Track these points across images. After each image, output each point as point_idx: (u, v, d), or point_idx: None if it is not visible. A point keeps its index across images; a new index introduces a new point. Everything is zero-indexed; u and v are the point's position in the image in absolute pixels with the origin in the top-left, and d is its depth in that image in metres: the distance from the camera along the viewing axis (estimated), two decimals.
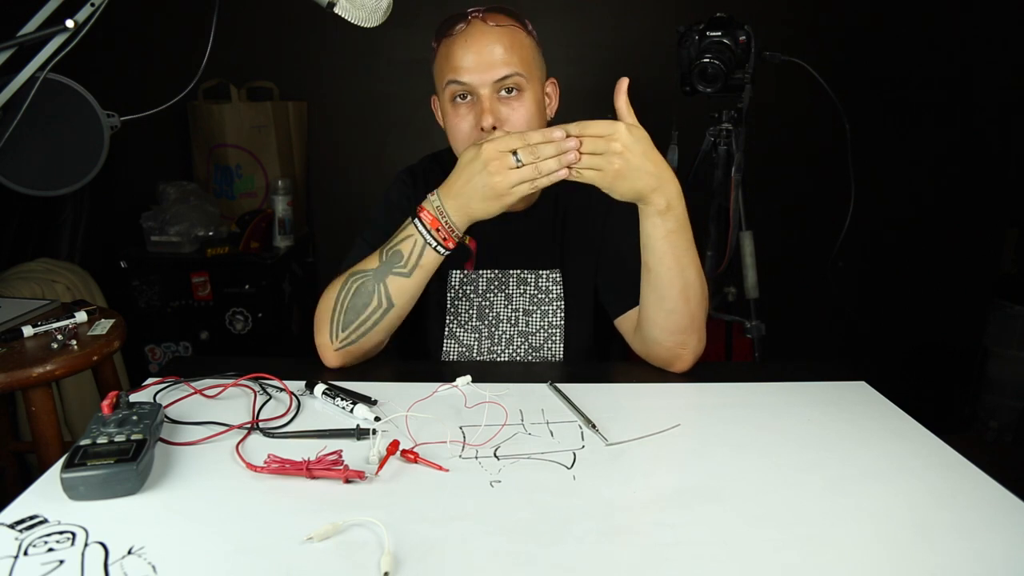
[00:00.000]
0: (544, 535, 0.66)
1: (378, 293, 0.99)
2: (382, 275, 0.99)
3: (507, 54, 1.01)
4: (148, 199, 2.31)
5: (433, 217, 0.96)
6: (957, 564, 0.63)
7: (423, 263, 0.98)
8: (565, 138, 0.89)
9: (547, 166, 0.90)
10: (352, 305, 1.00)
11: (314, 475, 0.74)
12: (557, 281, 1.17)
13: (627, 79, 0.93)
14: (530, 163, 0.90)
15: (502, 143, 0.91)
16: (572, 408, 0.93)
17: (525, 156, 0.90)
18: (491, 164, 0.91)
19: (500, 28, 1.02)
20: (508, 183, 0.91)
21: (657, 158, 0.92)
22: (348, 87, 2.52)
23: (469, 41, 1.02)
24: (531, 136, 0.90)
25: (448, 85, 1.04)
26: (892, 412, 0.95)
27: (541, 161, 0.90)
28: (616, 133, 0.89)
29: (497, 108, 1.02)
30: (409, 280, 0.99)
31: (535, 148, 0.89)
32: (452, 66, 1.02)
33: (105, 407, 0.78)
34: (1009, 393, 2.58)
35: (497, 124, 1.02)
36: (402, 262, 0.98)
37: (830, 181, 2.01)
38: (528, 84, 1.04)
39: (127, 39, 2.26)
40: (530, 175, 0.91)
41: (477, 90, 1.02)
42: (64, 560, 0.60)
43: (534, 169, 0.90)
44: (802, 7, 2.41)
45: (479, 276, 1.17)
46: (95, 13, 0.88)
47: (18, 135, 0.90)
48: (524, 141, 0.90)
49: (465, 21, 1.03)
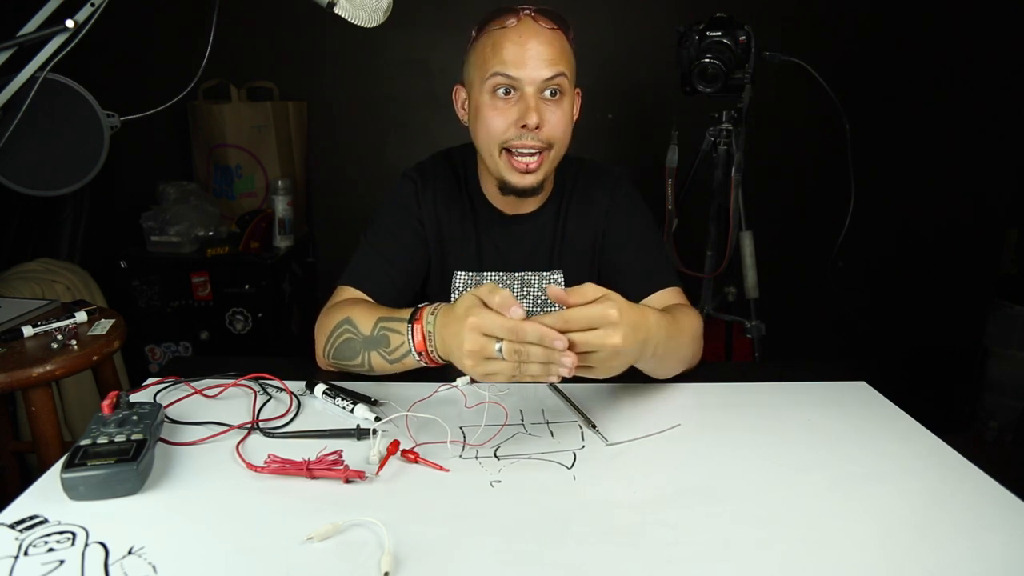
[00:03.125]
0: (544, 535, 0.66)
1: (362, 357, 0.96)
2: (369, 347, 0.95)
3: (557, 55, 1.01)
4: (148, 199, 2.31)
5: (422, 339, 0.88)
6: (957, 564, 0.63)
7: (406, 363, 0.93)
8: (566, 347, 0.74)
9: (531, 371, 0.76)
10: (339, 351, 0.98)
11: (314, 475, 0.74)
12: (559, 281, 1.17)
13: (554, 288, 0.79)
14: (512, 361, 0.76)
15: (489, 325, 0.76)
16: (572, 408, 0.93)
17: (508, 353, 0.75)
18: (467, 341, 0.77)
19: (551, 30, 1.02)
20: (482, 371, 0.78)
21: (639, 320, 0.82)
22: (348, 87, 2.52)
23: (523, 36, 1.00)
24: (526, 331, 0.74)
25: (492, 76, 1.01)
26: (892, 412, 0.95)
27: (526, 363, 0.76)
28: (612, 326, 0.77)
29: (542, 108, 1.01)
30: (390, 367, 0.94)
31: (525, 348, 0.75)
32: (500, 58, 1.00)
33: (105, 407, 0.78)
34: (1009, 393, 2.58)
35: (541, 124, 1.01)
36: (388, 349, 0.92)
37: (830, 181, 2.01)
38: (568, 89, 1.04)
39: (127, 39, 2.26)
40: (509, 371, 0.77)
41: (523, 86, 1.01)
42: (64, 560, 0.60)
43: (514, 367, 0.76)
44: (802, 7, 2.41)
45: (484, 278, 1.17)
46: (95, 13, 0.88)
47: (18, 135, 0.90)
48: (515, 336, 0.75)
49: (516, 16, 1.02)
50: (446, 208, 1.16)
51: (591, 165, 1.20)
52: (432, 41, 2.45)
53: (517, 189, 1.06)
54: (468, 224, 1.16)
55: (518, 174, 1.04)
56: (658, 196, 1.80)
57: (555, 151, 1.05)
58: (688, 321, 1.00)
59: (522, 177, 1.05)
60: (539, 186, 1.07)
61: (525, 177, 1.05)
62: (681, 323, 0.97)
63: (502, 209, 1.16)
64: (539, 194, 1.11)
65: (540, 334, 0.74)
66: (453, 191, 1.17)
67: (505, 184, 1.07)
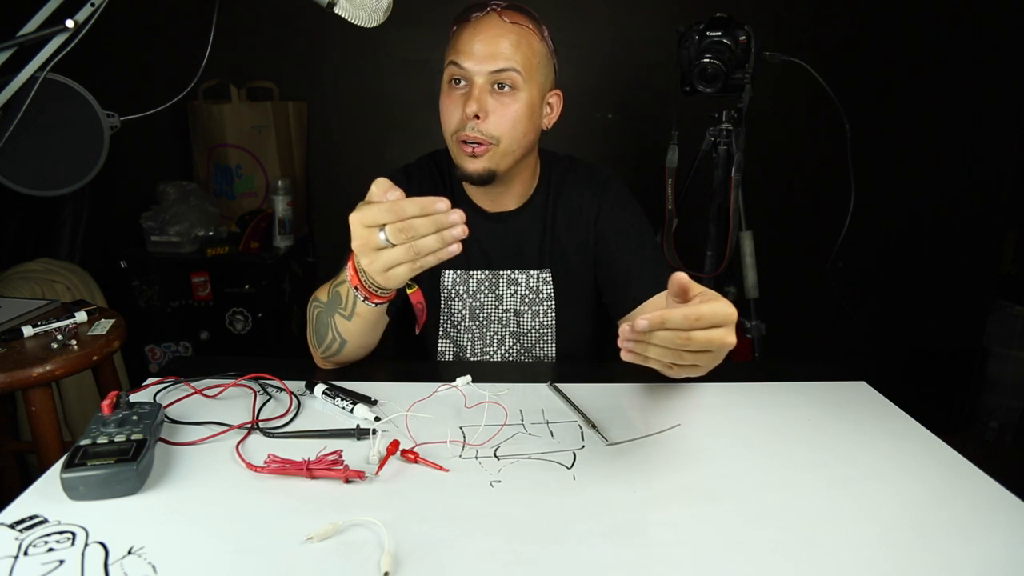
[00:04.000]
0: (544, 535, 0.66)
1: (331, 328, 0.96)
2: (330, 311, 0.95)
3: (511, 50, 1.02)
4: (148, 199, 2.31)
5: (354, 273, 0.85)
6: (957, 564, 0.63)
7: (359, 311, 0.91)
8: (449, 208, 0.73)
9: (425, 244, 0.74)
10: (317, 330, 0.99)
11: (314, 475, 0.74)
12: (547, 281, 1.17)
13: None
14: (402, 243, 0.74)
15: (368, 214, 0.74)
16: (572, 408, 0.93)
17: (393, 235, 0.73)
18: (355, 241, 0.76)
19: (513, 25, 1.03)
20: (378, 266, 0.76)
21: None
22: (348, 87, 2.52)
23: (479, 29, 1.03)
24: (404, 207, 0.73)
25: (448, 66, 1.05)
26: (892, 412, 0.95)
27: (418, 240, 0.73)
28: (728, 326, 0.69)
29: (485, 99, 1.02)
30: (351, 323, 0.93)
31: (408, 224, 0.73)
32: (456, 49, 1.04)
33: (105, 407, 0.78)
34: (1009, 393, 2.58)
35: (481, 115, 1.02)
36: (342, 304, 0.92)
37: (830, 181, 2.01)
38: (524, 85, 1.04)
39: (127, 39, 2.26)
40: (403, 257, 0.75)
41: (472, 77, 1.02)
42: (64, 560, 0.60)
43: (408, 250, 0.74)
44: (802, 7, 2.41)
45: (470, 277, 1.17)
46: (95, 13, 0.88)
47: (18, 135, 0.90)
48: (395, 215, 0.73)
49: (483, 11, 1.04)
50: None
51: (579, 165, 1.20)
52: (432, 41, 2.45)
53: (467, 176, 1.07)
54: None
55: (466, 158, 1.05)
56: (658, 196, 1.80)
57: (504, 146, 1.05)
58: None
59: (470, 161, 1.05)
60: (488, 175, 1.06)
61: (472, 161, 1.05)
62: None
63: (483, 207, 1.16)
64: (490, 183, 1.08)
65: (420, 205, 0.72)
66: (437, 190, 1.17)
67: (460, 171, 1.08)
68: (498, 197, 1.15)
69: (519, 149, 1.07)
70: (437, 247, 0.74)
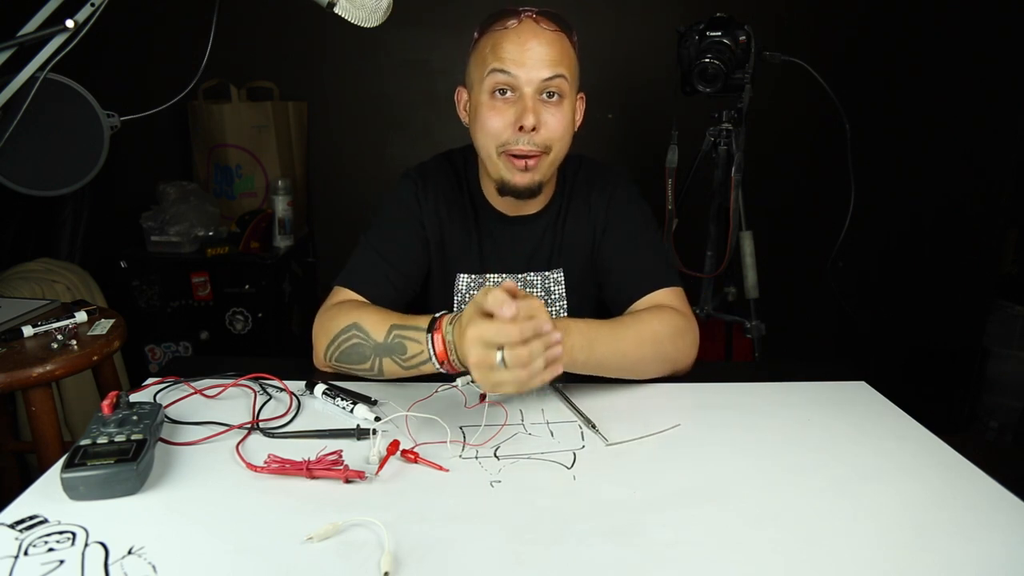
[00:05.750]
0: (544, 535, 0.66)
1: (372, 362, 0.96)
2: (381, 353, 0.94)
3: (559, 56, 1.00)
4: (148, 199, 2.31)
5: (443, 350, 0.88)
6: (957, 564, 0.63)
7: (423, 369, 0.93)
8: (552, 328, 0.76)
9: (536, 368, 0.76)
10: (345, 354, 0.98)
11: (314, 475, 0.74)
12: (560, 281, 1.17)
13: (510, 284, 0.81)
14: (517, 367, 0.74)
15: (487, 333, 0.75)
16: (572, 408, 0.93)
17: (511, 360, 0.74)
18: (471, 354, 0.76)
19: (552, 32, 1.01)
20: (490, 384, 0.77)
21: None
22: (348, 87, 2.52)
23: (522, 36, 1.00)
24: (524, 331, 0.74)
25: (491, 74, 1.00)
26: (892, 412, 0.95)
27: (533, 364, 0.75)
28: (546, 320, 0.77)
29: (540, 109, 1.01)
30: (405, 372, 0.94)
31: (528, 353, 0.74)
32: (499, 56, 0.99)
33: (105, 407, 0.78)
34: (1009, 393, 2.58)
35: (538, 126, 1.00)
36: (404, 356, 0.92)
37: (830, 181, 2.01)
38: (568, 92, 1.03)
39: (127, 39, 2.26)
40: (515, 380, 0.75)
41: (521, 86, 1.00)
42: (64, 560, 0.60)
43: (520, 373, 0.75)
44: (802, 7, 2.41)
45: (487, 281, 1.16)
46: (95, 13, 0.88)
47: (18, 135, 0.90)
48: (513, 338, 0.74)
49: (517, 18, 1.01)
50: (447, 209, 1.15)
51: (589, 164, 1.20)
52: (432, 41, 2.46)
53: (516, 189, 1.05)
54: (470, 225, 1.15)
55: (517, 172, 1.03)
56: (658, 196, 1.80)
57: (553, 155, 1.04)
58: (649, 323, 1.00)
59: (521, 175, 1.03)
60: (537, 187, 1.06)
61: (523, 175, 1.03)
62: (630, 327, 0.98)
63: (503, 211, 1.15)
64: (537, 195, 1.10)
65: (533, 328, 0.74)
66: (454, 192, 1.16)
67: (504, 185, 1.06)
68: (524, 203, 1.13)
69: (563, 157, 1.07)
70: (543, 370, 0.77)
